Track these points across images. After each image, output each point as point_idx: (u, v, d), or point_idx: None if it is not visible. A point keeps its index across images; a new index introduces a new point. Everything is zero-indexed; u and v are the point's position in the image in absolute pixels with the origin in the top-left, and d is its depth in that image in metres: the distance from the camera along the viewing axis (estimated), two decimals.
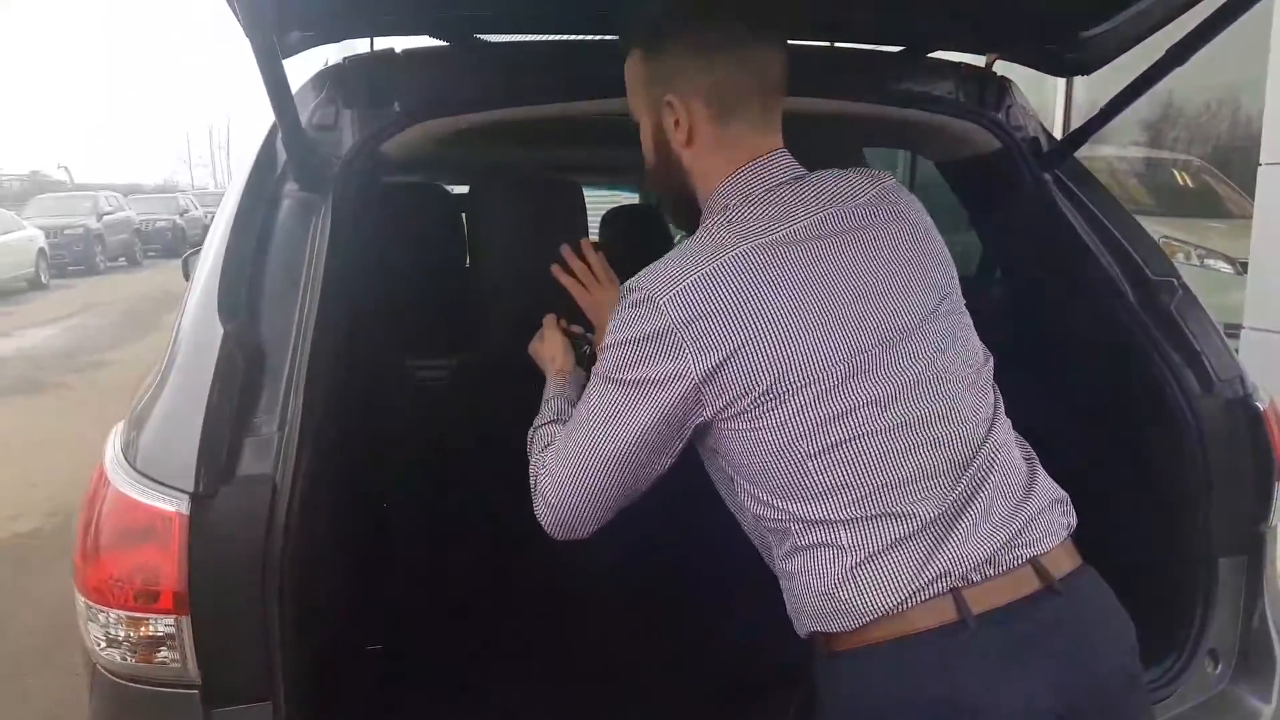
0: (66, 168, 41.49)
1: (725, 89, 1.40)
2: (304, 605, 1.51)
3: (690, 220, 1.48)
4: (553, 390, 1.67)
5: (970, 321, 1.45)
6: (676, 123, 1.43)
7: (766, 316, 1.27)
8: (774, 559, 1.39)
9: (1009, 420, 1.43)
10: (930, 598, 1.25)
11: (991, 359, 1.45)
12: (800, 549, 1.32)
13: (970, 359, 1.40)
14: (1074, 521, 1.39)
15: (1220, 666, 1.97)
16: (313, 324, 1.59)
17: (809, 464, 1.28)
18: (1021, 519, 1.31)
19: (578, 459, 1.39)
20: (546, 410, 1.62)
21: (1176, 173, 8.08)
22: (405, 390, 2.40)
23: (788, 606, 1.39)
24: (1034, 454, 1.44)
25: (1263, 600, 1.99)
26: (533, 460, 1.50)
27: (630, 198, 6.15)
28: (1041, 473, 1.41)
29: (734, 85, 1.40)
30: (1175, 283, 2.04)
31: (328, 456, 1.60)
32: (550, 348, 1.74)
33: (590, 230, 2.73)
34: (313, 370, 1.56)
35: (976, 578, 1.26)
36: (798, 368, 1.27)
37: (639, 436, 1.34)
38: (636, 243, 3.33)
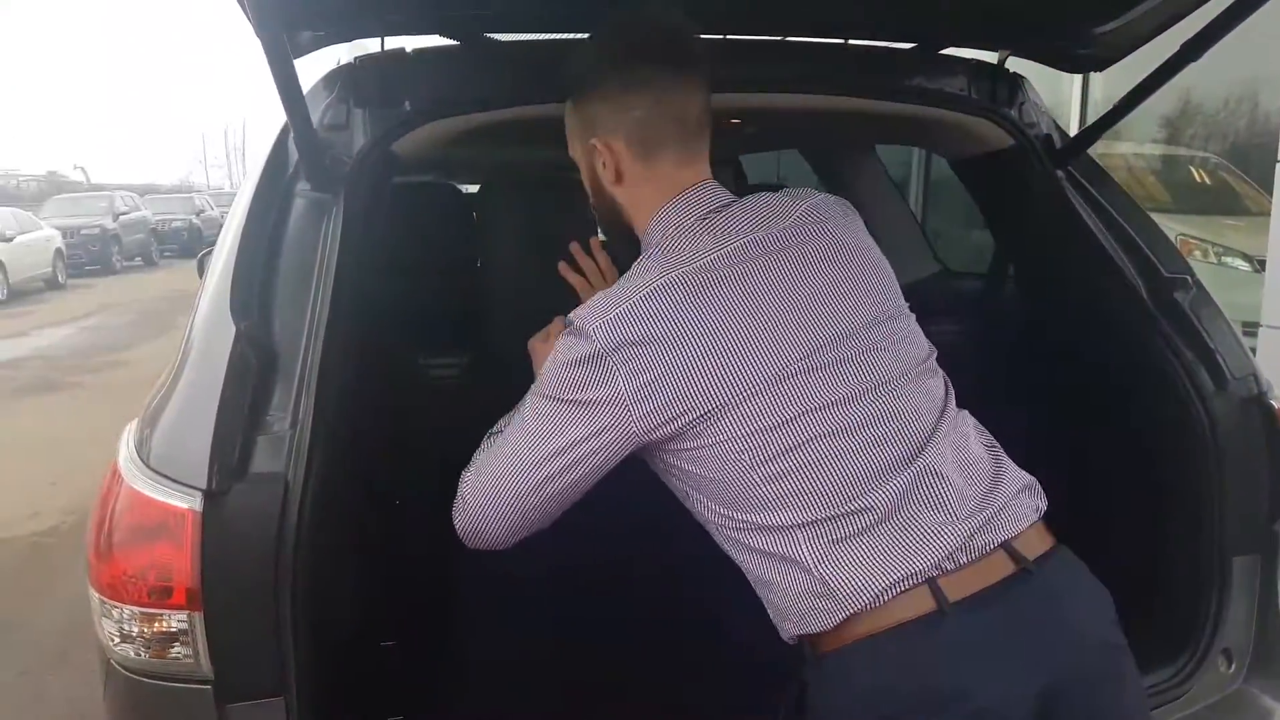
0: (83, 168, 41.78)
1: (644, 128, 1.46)
2: (317, 602, 1.52)
3: (631, 250, 1.53)
4: None
5: (913, 322, 1.48)
6: (604, 164, 1.50)
7: (693, 338, 1.32)
8: (748, 570, 1.40)
9: (966, 412, 1.46)
10: (905, 590, 1.27)
11: (935, 352, 1.48)
12: (766, 556, 1.34)
13: (911, 357, 1.43)
14: (1044, 504, 1.41)
15: (1234, 666, 1.96)
16: (324, 322, 1.60)
17: (753, 475, 1.32)
18: (990, 507, 1.33)
19: (503, 469, 1.42)
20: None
21: (1194, 169, 8.00)
22: (417, 388, 2.41)
23: (771, 616, 1.41)
24: (997, 445, 1.46)
25: (1277, 599, 1.98)
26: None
27: None
28: (1006, 460, 1.44)
29: (653, 124, 1.46)
30: (1189, 279, 2.03)
31: (340, 454, 1.61)
32: (543, 353, 1.73)
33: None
34: (325, 368, 1.57)
35: (950, 566, 1.28)
36: (728, 385, 1.31)
37: (566, 453, 1.37)
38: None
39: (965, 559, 1.29)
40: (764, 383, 1.32)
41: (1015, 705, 1.25)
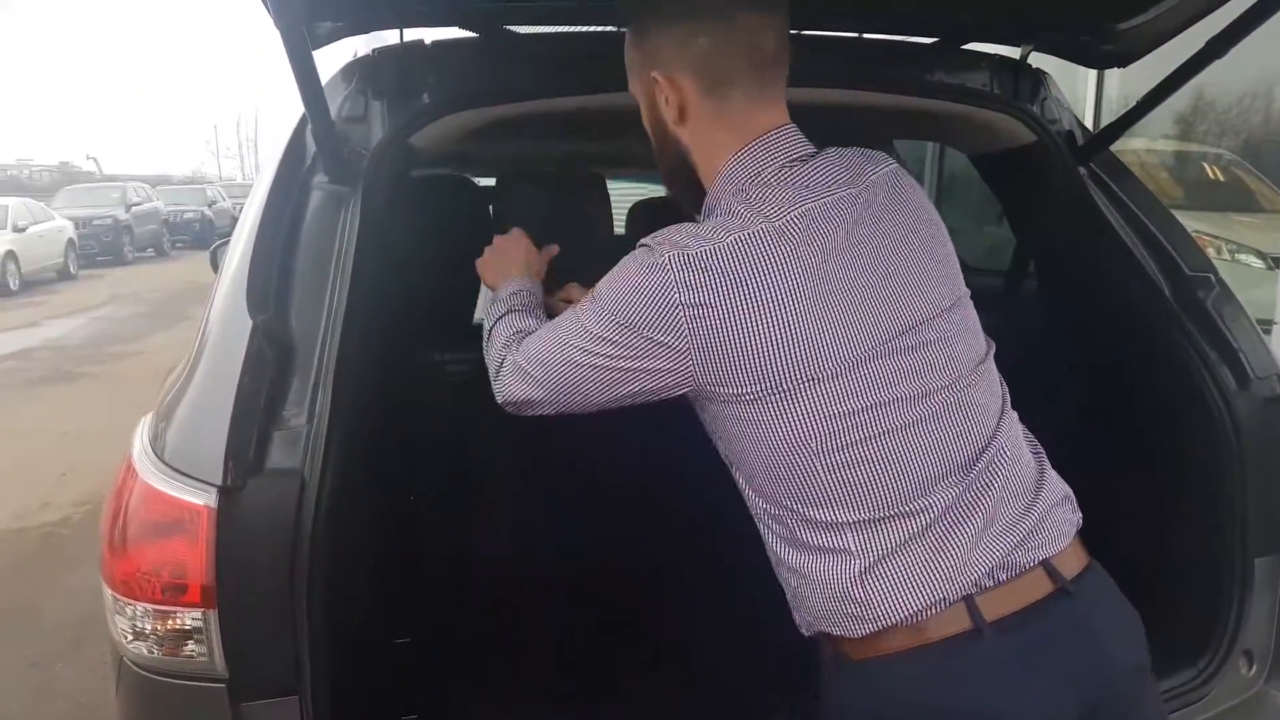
0: (95, 159, 41.73)
1: (713, 62, 1.32)
2: (332, 599, 1.51)
3: (695, 201, 1.42)
4: (518, 284, 1.66)
5: (974, 310, 1.39)
6: (666, 100, 1.36)
7: (783, 303, 1.20)
8: (775, 550, 1.33)
9: (1016, 413, 1.39)
10: (943, 609, 1.22)
11: (993, 347, 1.39)
12: (804, 548, 1.28)
13: (978, 349, 1.35)
14: (1080, 518, 1.36)
15: (1255, 668, 1.94)
16: (341, 317, 1.59)
17: (816, 463, 1.23)
18: (1032, 519, 1.28)
19: (560, 365, 1.37)
20: (517, 300, 1.62)
21: (1207, 166, 7.97)
22: (433, 383, 2.39)
23: (791, 603, 1.35)
24: (1041, 449, 1.40)
25: None
26: (497, 341, 1.52)
27: (659, 190, 6.03)
28: (1049, 468, 1.37)
29: (722, 57, 1.31)
30: (1211, 278, 2.01)
31: (356, 449, 1.59)
32: (515, 250, 1.77)
33: (617, 222, 2.71)
34: (341, 363, 1.56)
35: (989, 583, 1.23)
36: (816, 359, 1.21)
37: (625, 369, 1.29)
38: None
39: (1005, 576, 1.23)
40: (849, 363, 1.21)
41: None
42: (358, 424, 1.60)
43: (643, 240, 1.29)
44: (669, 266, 1.22)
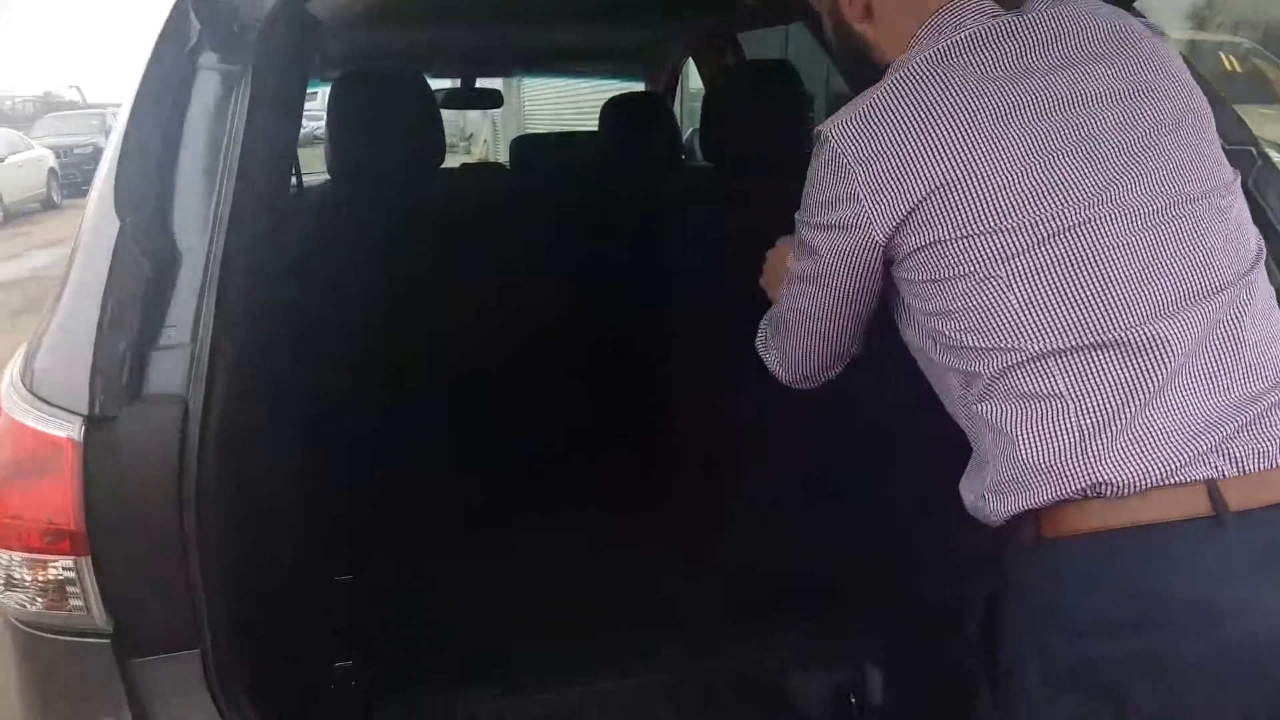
0: (79, 87, 41.00)
1: None
2: (236, 539, 1.35)
3: None
4: None
5: (1241, 203, 1.22)
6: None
7: (962, 146, 1.13)
8: (977, 413, 1.18)
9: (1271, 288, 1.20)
10: (1175, 484, 1.06)
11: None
12: (1013, 397, 1.13)
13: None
14: None
15: None
16: (228, 216, 1.37)
17: (1009, 296, 1.11)
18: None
19: (788, 326, 1.36)
20: None
21: (1224, 56, 7.73)
22: (344, 280, 2.13)
23: (980, 476, 1.19)
24: None
25: None
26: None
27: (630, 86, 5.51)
28: None
29: None
30: (1254, 152, 1.76)
31: (254, 368, 1.41)
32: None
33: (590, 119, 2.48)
34: (228, 270, 1.34)
35: (1231, 471, 1.07)
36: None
37: (836, 296, 1.27)
38: (637, 133, 3.06)
39: (1251, 466, 1.07)
40: (1043, 219, 1.11)
41: None
42: (251, 338, 1.40)
43: (816, 128, 1.24)
44: (829, 138, 1.19)
